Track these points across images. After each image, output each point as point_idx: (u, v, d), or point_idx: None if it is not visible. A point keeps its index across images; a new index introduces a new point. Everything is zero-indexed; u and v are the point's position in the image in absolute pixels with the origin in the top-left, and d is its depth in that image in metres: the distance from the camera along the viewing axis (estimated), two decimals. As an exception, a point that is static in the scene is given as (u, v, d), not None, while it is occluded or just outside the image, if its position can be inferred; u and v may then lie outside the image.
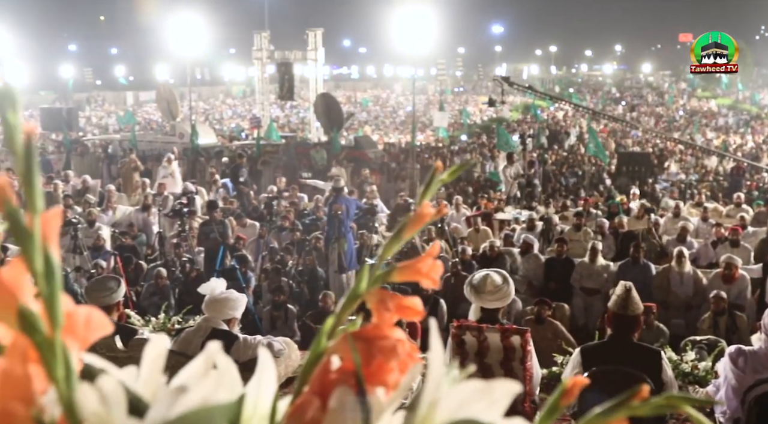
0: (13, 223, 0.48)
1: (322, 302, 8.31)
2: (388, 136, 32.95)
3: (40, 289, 0.49)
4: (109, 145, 23.16)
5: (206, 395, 0.47)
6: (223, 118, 43.20)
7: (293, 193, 14.26)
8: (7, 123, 0.48)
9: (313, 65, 27.22)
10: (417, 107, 26.63)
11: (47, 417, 0.51)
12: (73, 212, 11.44)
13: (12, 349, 0.50)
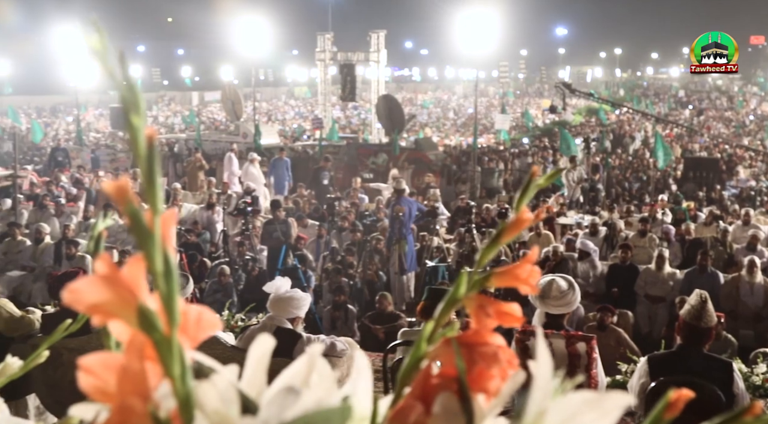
0: (135, 223, 0.49)
1: (378, 304, 8.32)
2: (449, 139, 32.83)
3: (159, 288, 0.50)
4: (175, 144, 23.64)
5: (321, 397, 0.47)
6: (286, 118, 43.68)
7: (354, 194, 14.33)
8: (130, 125, 0.49)
9: (375, 67, 27.33)
10: (478, 110, 26.49)
11: (162, 413, 0.52)
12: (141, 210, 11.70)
13: (130, 346, 0.52)
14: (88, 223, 12.39)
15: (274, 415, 0.49)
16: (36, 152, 24.19)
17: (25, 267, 10.31)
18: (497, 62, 58.29)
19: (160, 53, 69.95)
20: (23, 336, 4.61)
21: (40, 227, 10.82)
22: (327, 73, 28.72)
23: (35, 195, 13.70)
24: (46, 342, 0.97)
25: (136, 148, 0.49)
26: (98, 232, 0.77)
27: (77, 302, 0.51)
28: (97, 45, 0.50)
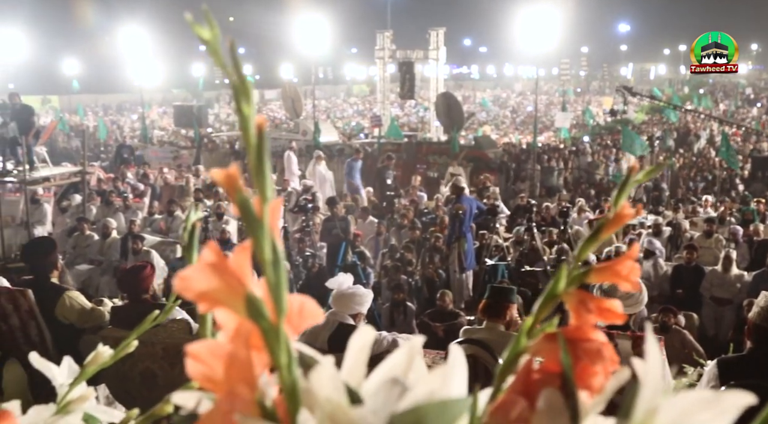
0: (245, 212, 0.49)
1: (440, 301, 8.30)
2: (508, 137, 32.56)
3: (268, 277, 0.50)
4: (236, 142, 23.99)
5: (434, 389, 0.47)
6: (344, 116, 43.93)
7: (413, 192, 14.32)
8: (241, 114, 0.49)
9: (434, 64, 27.26)
10: (538, 107, 26.21)
11: (268, 401, 0.52)
12: (203, 206, 11.92)
13: (237, 334, 0.52)
14: (152, 218, 12.67)
15: (381, 406, 0.48)
16: (102, 149, 24.84)
17: (93, 261, 10.60)
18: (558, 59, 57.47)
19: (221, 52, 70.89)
20: (94, 328, 4.73)
21: (107, 222, 11.10)
22: (386, 71, 28.75)
23: (102, 191, 14.07)
24: (135, 332, 0.99)
25: (246, 136, 0.49)
26: (192, 223, 0.78)
27: (186, 290, 0.52)
28: (208, 35, 0.50)
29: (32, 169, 11.52)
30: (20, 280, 5.27)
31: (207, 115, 30.97)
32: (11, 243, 11.07)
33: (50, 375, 0.98)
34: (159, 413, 0.75)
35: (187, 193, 14.54)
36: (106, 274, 10.34)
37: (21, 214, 12.02)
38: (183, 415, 0.58)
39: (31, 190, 11.98)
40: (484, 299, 4.53)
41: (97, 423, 0.97)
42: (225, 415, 0.51)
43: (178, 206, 12.54)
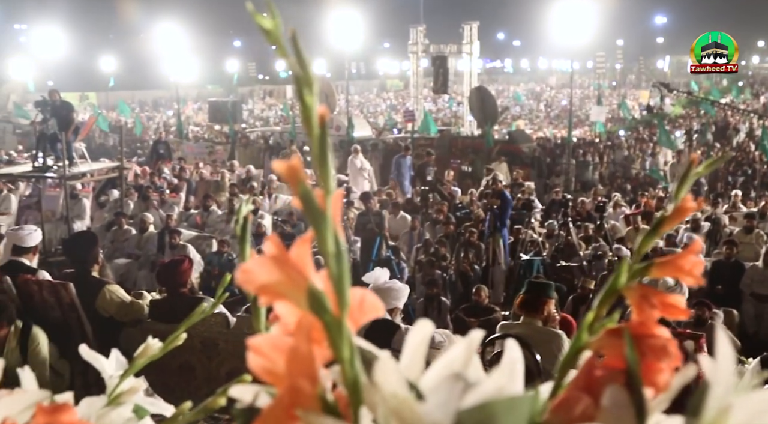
0: (307, 204, 0.49)
1: (475, 296, 8.26)
2: (542, 131, 32.31)
3: (330, 269, 0.49)
4: (270, 137, 24.11)
5: (502, 385, 0.46)
6: (377, 111, 43.92)
7: (447, 186, 14.28)
8: (304, 103, 0.49)
9: (467, 59, 27.12)
10: (572, 101, 25.95)
11: (329, 396, 0.51)
12: (238, 201, 12.00)
13: (299, 328, 0.51)
14: (188, 213, 12.79)
15: (444, 402, 0.47)
16: (138, 145, 25.13)
17: (130, 255, 10.73)
18: (593, 53, 56.84)
19: (255, 48, 71.36)
20: (133, 321, 4.79)
21: (144, 216, 11.23)
22: (419, 66, 28.68)
23: (139, 186, 14.23)
24: (183, 324, 1.00)
25: (308, 127, 0.49)
26: (243, 216, 0.77)
27: (248, 283, 0.51)
28: (269, 25, 0.50)
29: (71, 164, 11.68)
30: (61, 273, 5.35)
31: (241, 111, 31.17)
32: (51, 237, 11.25)
33: (99, 367, 0.99)
34: (212, 406, 0.75)
35: (222, 188, 14.65)
36: (144, 268, 10.47)
37: (61, 209, 12.21)
38: (242, 408, 0.58)
39: (71, 185, 12.17)
40: (521, 294, 4.50)
41: (145, 414, 0.98)
42: (287, 409, 0.50)
43: (213, 201, 12.65)
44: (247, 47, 71.95)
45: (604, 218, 11.86)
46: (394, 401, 0.44)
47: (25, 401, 0.69)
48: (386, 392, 0.45)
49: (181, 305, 4.73)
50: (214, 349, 4.55)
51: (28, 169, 12.41)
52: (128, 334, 4.75)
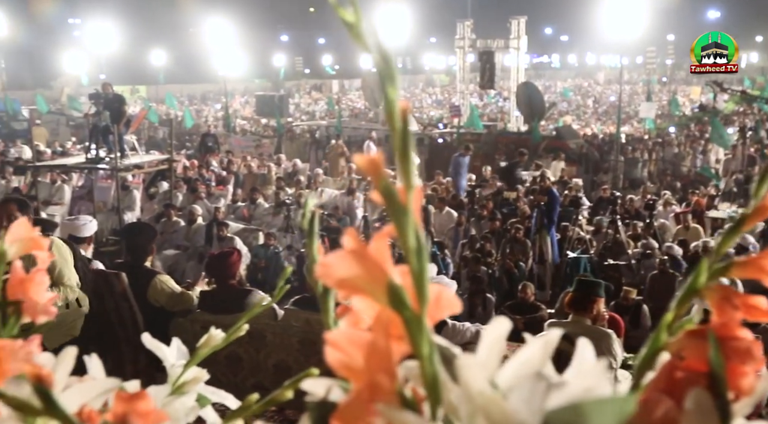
0: (389, 199, 0.48)
1: (521, 293, 8.20)
2: (590, 127, 31.89)
3: (411, 265, 0.49)
4: (316, 131, 24.25)
5: (590, 386, 0.45)
6: (423, 106, 43.83)
7: (493, 182, 14.19)
8: (386, 97, 0.48)
9: (514, 54, 26.90)
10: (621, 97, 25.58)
11: (408, 392, 0.51)
12: (285, 194, 12.10)
13: (377, 323, 0.51)
14: (236, 206, 12.93)
15: (528, 401, 0.47)
16: (187, 138, 25.48)
17: (179, 246, 10.90)
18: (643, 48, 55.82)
19: (302, 43, 71.89)
20: (183, 311, 4.86)
21: (193, 208, 11.38)
22: (465, 61, 28.53)
23: (188, 179, 14.43)
24: (245, 316, 1.00)
25: (391, 120, 0.48)
26: (310, 208, 0.77)
27: (327, 277, 0.51)
28: (351, 18, 0.50)
29: (123, 156, 11.91)
30: (114, 263, 5.45)
31: (288, 105, 31.40)
32: (103, 228, 11.46)
33: (161, 356, 1.00)
34: (279, 399, 0.76)
35: (269, 181, 14.78)
36: (192, 259, 10.61)
37: (112, 200, 12.45)
38: (315, 402, 0.58)
39: (122, 177, 12.40)
40: (570, 292, 4.44)
41: (207, 403, 0.99)
42: (365, 404, 0.50)
43: (260, 194, 12.77)
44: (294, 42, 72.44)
45: (654, 216, 11.67)
46: (481, 399, 0.44)
47: (97, 388, 0.70)
48: (473, 390, 0.44)
49: (229, 296, 4.79)
50: (261, 341, 4.60)
51: (82, 161, 12.67)
52: (178, 324, 4.82)
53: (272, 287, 5.34)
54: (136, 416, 0.61)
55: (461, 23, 27.44)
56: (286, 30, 75.53)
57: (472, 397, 0.44)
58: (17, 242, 0.83)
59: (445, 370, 0.51)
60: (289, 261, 10.35)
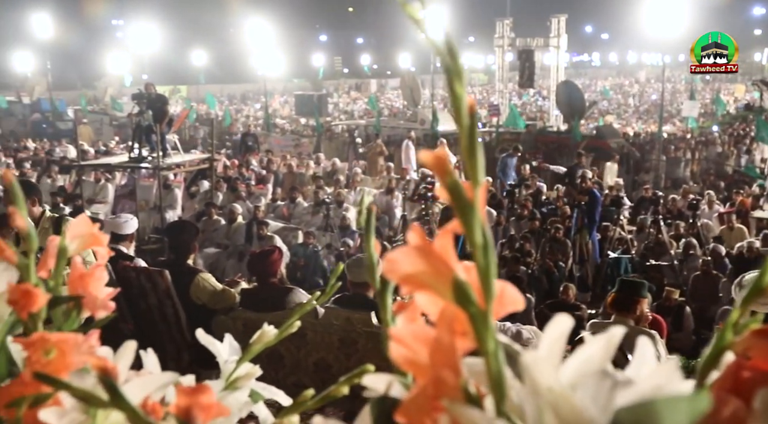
0: (455, 195, 0.48)
1: (563, 294, 8.13)
2: (631, 126, 31.49)
3: (478, 261, 0.49)
4: (355, 130, 24.31)
5: (660, 384, 0.44)
6: (461, 105, 43.56)
7: (533, 182, 14.09)
8: (453, 94, 0.48)
9: (554, 52, 26.67)
10: (663, 96, 25.21)
11: (472, 388, 0.51)
12: (324, 193, 12.15)
13: (441, 318, 0.51)
14: (275, 204, 13.02)
15: (593, 398, 0.46)
16: (227, 137, 25.74)
17: (219, 245, 11.01)
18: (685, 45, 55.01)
19: (341, 42, 72.14)
20: (225, 309, 4.91)
21: (233, 207, 11.49)
22: (504, 60, 28.37)
23: (228, 178, 14.57)
24: (295, 314, 1.01)
25: (458, 117, 0.48)
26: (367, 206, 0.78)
27: (393, 272, 0.51)
28: (417, 15, 0.50)
29: (165, 156, 12.05)
30: (157, 261, 5.53)
31: (327, 105, 31.52)
32: (145, 226, 11.63)
33: (215, 351, 1.02)
34: (334, 395, 0.76)
35: (308, 180, 14.86)
36: (232, 257, 10.72)
37: (154, 198, 12.63)
38: (377, 397, 0.58)
39: (164, 175, 12.56)
40: (613, 293, 4.40)
41: (260, 399, 1.00)
42: (430, 399, 0.50)
43: (299, 193, 12.84)
44: (333, 42, 72.71)
45: (698, 215, 11.48)
46: (550, 395, 0.44)
47: (156, 382, 0.71)
48: (541, 386, 0.44)
49: (270, 294, 4.83)
50: (302, 339, 4.62)
51: (125, 160, 12.86)
52: (219, 321, 4.87)
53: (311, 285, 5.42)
54: (199, 409, 0.62)
55: (500, 22, 27.28)
56: (325, 30, 75.86)
57: (541, 393, 0.44)
58: (78, 238, 0.85)
59: (507, 367, 0.51)
60: (328, 260, 10.39)
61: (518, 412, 0.50)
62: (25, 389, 0.69)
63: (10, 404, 0.69)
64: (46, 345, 0.70)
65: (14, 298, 0.70)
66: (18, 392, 0.69)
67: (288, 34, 49.84)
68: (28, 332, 0.73)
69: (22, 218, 0.71)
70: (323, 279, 10.05)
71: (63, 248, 0.83)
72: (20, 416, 0.70)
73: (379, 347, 2.11)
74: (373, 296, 4.82)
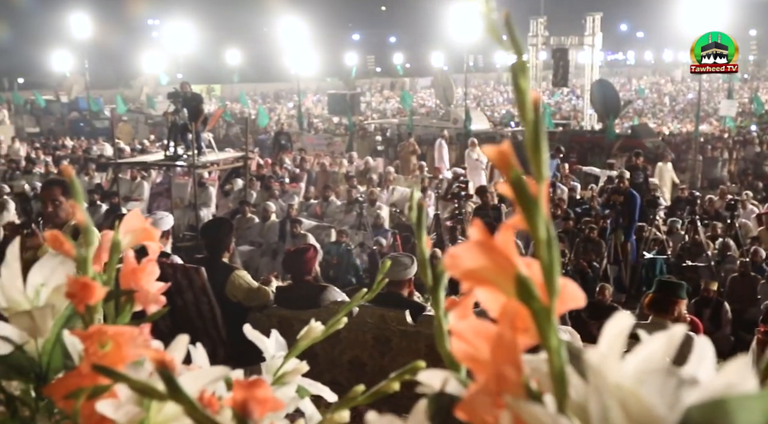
0: (519, 190, 0.48)
1: (599, 295, 8.05)
2: (666, 126, 31.09)
3: (542, 257, 0.49)
4: (387, 129, 24.31)
5: (731, 383, 0.44)
6: (495, 104, 43.47)
7: (566, 181, 13.98)
8: (518, 87, 0.48)
9: (589, 51, 26.44)
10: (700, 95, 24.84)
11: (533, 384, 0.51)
12: (357, 192, 12.18)
13: (503, 314, 0.51)
14: (308, 203, 13.08)
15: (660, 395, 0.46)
16: (260, 136, 25.91)
17: (253, 243, 11.09)
18: (723, 44, 54.14)
19: (373, 41, 72.23)
20: (259, 306, 4.94)
21: (267, 205, 11.57)
22: (538, 58, 28.19)
23: (262, 176, 14.67)
24: (345, 309, 1.01)
25: (523, 111, 0.48)
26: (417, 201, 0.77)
27: (454, 268, 0.51)
28: (485, 9, 0.50)
29: (200, 154, 12.18)
30: (192, 258, 5.58)
31: (359, 103, 31.57)
32: (180, 223, 11.76)
33: (262, 347, 1.03)
34: (384, 391, 0.76)
35: (340, 179, 14.90)
36: (266, 255, 10.79)
37: (189, 196, 12.76)
38: (434, 394, 0.58)
39: (199, 174, 12.68)
40: (650, 293, 4.35)
41: (306, 395, 1.00)
42: (491, 396, 0.50)
43: (332, 192, 12.87)
44: (366, 41, 72.86)
45: (736, 216, 11.30)
46: (618, 392, 0.43)
47: (209, 375, 0.71)
48: (609, 383, 0.44)
49: (305, 292, 4.85)
50: (336, 336, 4.61)
51: (160, 158, 13.01)
52: (254, 319, 4.89)
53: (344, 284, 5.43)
54: (255, 403, 0.62)
55: (534, 20, 27.12)
56: (357, 29, 76.05)
57: (608, 390, 0.44)
58: (130, 233, 0.86)
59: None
60: (360, 258, 10.41)
61: (576, 410, 0.50)
62: (83, 381, 0.70)
63: (68, 395, 0.71)
64: (103, 338, 0.71)
65: (73, 290, 0.71)
66: (75, 383, 0.70)
67: (321, 33, 50.00)
68: (85, 325, 0.74)
69: (81, 212, 0.72)
70: (356, 277, 10.07)
71: (116, 242, 0.84)
72: (78, 408, 0.71)
73: (413, 346, 2.15)
74: (407, 294, 4.82)
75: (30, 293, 0.81)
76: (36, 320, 0.76)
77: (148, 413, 0.71)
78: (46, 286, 0.81)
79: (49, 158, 18.19)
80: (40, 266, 0.82)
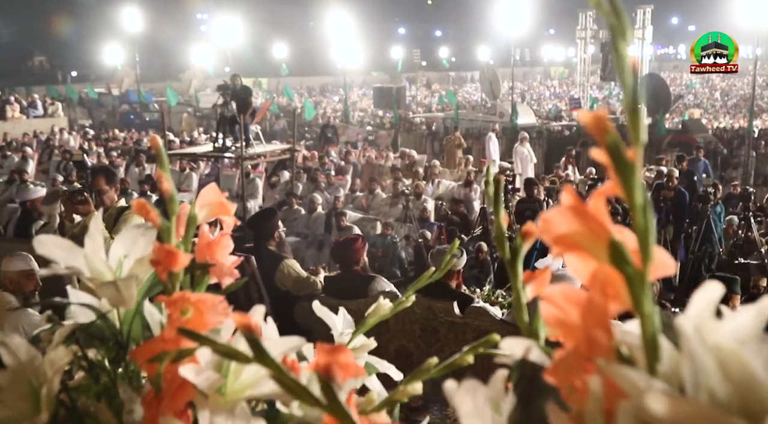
0: (615, 154, 0.48)
1: (646, 291, 7.94)
2: (718, 121, 30.44)
3: (637, 221, 0.49)
4: (432, 123, 24.25)
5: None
6: (541, 98, 43.05)
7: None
8: (617, 51, 0.48)
9: (639, 44, 26.04)
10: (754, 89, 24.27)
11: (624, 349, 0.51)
12: (402, 184, 12.18)
13: (594, 280, 0.51)
14: (354, 195, 13.12)
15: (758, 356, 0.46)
16: (306, 129, 26.07)
17: (299, 234, 11.17)
18: (779, 37, 52.71)
19: (419, 35, 72.09)
20: (308, 295, 4.98)
21: (314, 197, 11.64)
22: (586, 52, 27.85)
23: (308, 168, 14.76)
24: (411, 288, 1.02)
25: (621, 75, 0.48)
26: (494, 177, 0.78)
27: (547, 232, 0.52)
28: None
29: (248, 146, 12.28)
30: (241, 247, 5.65)
31: (405, 97, 31.53)
32: (227, 214, 11.88)
33: (330, 324, 1.04)
34: (459, 363, 0.77)
35: (386, 172, 14.92)
36: (312, 246, 10.86)
37: (237, 187, 12.90)
38: (517, 361, 0.58)
39: (246, 165, 12.80)
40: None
41: (373, 371, 1.01)
42: (582, 360, 0.50)
43: (378, 184, 12.89)
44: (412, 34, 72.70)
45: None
46: (718, 353, 0.43)
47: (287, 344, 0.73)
48: (709, 344, 0.43)
49: (353, 282, 4.87)
50: (383, 325, 4.65)
51: (209, 150, 13.16)
52: (302, 308, 4.94)
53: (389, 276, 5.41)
54: (338, 367, 0.64)
55: (583, 13, 26.81)
56: (403, 23, 75.92)
57: (708, 350, 0.43)
58: (206, 207, 0.88)
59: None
60: (405, 251, 10.42)
61: (666, 378, 0.49)
62: (166, 345, 0.72)
63: (152, 359, 0.73)
64: (186, 304, 0.73)
65: (158, 257, 0.73)
66: (159, 347, 0.72)
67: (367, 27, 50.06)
68: (168, 293, 0.76)
69: (167, 181, 0.74)
70: (400, 270, 10.08)
71: (192, 216, 0.86)
72: (161, 371, 0.73)
73: (460, 338, 2.16)
74: (455, 286, 4.81)
75: (113, 264, 0.83)
76: (121, 291, 0.78)
77: (226, 379, 0.73)
78: (128, 257, 0.84)
79: (101, 149, 18.57)
80: (121, 238, 0.84)
